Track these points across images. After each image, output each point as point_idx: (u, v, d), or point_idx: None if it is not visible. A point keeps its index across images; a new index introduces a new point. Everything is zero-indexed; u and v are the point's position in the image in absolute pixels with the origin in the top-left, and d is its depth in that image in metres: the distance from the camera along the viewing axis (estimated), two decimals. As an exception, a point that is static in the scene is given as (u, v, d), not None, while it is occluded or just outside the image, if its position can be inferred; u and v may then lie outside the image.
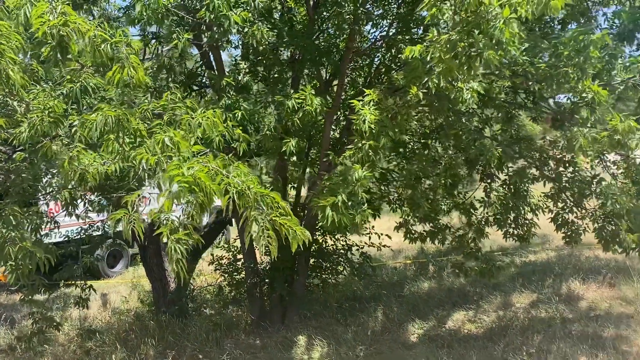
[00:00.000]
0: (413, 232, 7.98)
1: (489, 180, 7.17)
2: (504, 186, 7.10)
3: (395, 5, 8.20)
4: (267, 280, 9.71)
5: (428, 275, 11.63)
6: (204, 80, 8.83)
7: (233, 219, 9.87)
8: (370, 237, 9.87)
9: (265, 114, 6.40)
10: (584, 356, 6.25)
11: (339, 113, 8.24)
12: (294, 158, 7.26)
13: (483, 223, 7.42)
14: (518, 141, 7.14)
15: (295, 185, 9.12)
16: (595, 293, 8.40)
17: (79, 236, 9.52)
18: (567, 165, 6.68)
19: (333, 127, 7.83)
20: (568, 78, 5.42)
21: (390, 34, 8.07)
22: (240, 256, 10.34)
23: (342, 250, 10.11)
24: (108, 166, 4.08)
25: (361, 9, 7.46)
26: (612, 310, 7.74)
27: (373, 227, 9.31)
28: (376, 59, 8.57)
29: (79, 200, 6.88)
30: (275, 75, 8.50)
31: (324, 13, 8.45)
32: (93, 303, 12.01)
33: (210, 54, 7.98)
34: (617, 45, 5.91)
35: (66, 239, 11.19)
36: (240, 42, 8.45)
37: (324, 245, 10.17)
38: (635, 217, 5.95)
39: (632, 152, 5.72)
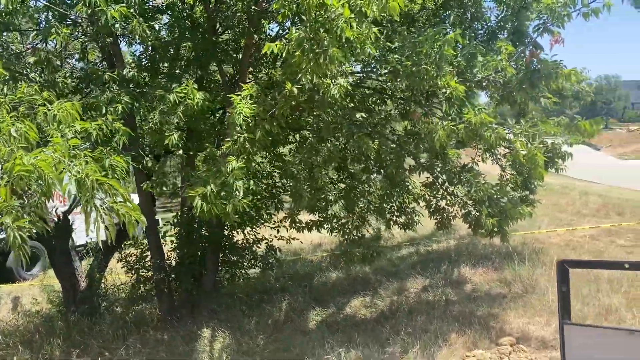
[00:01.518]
0: (298, 221, 8.27)
1: (371, 172, 7.57)
2: (383, 176, 7.52)
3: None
4: (173, 276, 9.78)
5: (340, 266, 12.01)
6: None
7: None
8: (278, 231, 10.13)
9: (150, 108, 6.52)
10: (454, 333, 6.74)
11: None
12: (181, 152, 7.38)
13: (365, 211, 7.83)
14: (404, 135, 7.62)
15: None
16: (481, 277, 9.01)
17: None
18: (439, 156, 7.18)
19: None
20: (428, 75, 5.85)
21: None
22: (148, 253, 10.35)
23: (254, 245, 10.32)
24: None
25: (253, 7, 7.68)
26: (490, 292, 8.34)
27: (282, 220, 9.62)
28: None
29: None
30: (177, 72, 8.61)
31: (224, 10, 8.62)
32: (3, 307, 11.70)
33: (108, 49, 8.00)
34: (476, 44, 6.40)
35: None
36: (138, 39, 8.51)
37: (234, 240, 10.35)
38: (495, 203, 6.48)
39: (490, 145, 6.18)
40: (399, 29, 7.26)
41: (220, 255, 10.15)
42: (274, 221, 10.07)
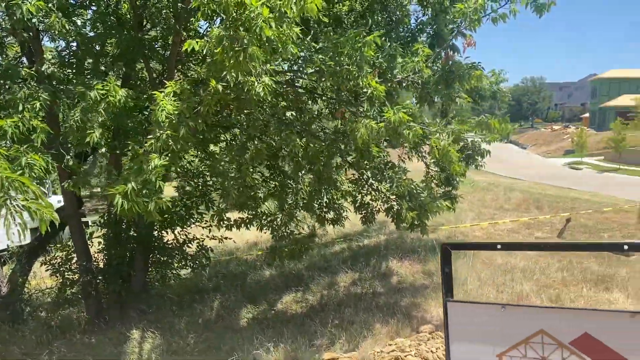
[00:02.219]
0: (226, 219, 8.31)
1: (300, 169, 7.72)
2: (312, 173, 7.69)
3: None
4: (101, 278, 9.56)
5: (274, 264, 12.10)
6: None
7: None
8: (210, 230, 10.09)
9: (72, 105, 6.36)
10: (379, 323, 7.00)
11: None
12: (104, 150, 7.24)
13: (294, 208, 7.98)
14: (334, 133, 7.80)
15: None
16: (407, 269, 9.37)
17: None
18: (364, 153, 7.42)
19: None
20: (350, 74, 6.06)
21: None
22: (74, 255, 10.06)
23: (184, 245, 10.22)
24: None
25: (180, 4, 7.64)
26: (415, 283, 8.70)
27: (210, 217, 9.58)
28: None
29: None
30: (101, 69, 8.41)
31: (150, 7, 8.51)
32: None
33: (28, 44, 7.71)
34: (396, 47, 6.68)
35: None
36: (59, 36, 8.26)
37: (165, 240, 10.23)
38: (415, 198, 6.79)
39: (408, 142, 6.44)
40: (324, 30, 7.44)
41: (150, 256, 10.02)
42: (206, 220, 10.03)
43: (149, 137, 5.88)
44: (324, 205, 8.06)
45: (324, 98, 8.77)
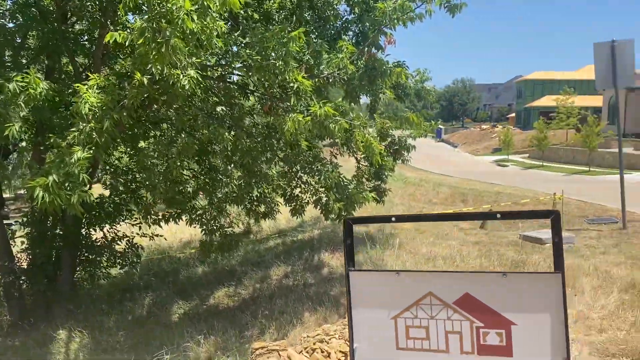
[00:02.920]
0: (154, 213, 8.28)
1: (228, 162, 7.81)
2: (241, 167, 7.79)
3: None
4: (24, 279, 9.25)
5: (208, 261, 12.08)
6: None
7: None
8: (140, 227, 9.96)
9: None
10: (308, 312, 7.22)
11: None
12: (23, 144, 7.05)
13: (223, 201, 8.05)
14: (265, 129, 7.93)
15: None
16: (337, 261, 9.63)
17: None
18: (294, 147, 7.62)
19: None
20: (277, 69, 6.21)
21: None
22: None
23: (113, 243, 10.03)
24: None
25: (105, -2, 7.53)
26: (344, 273, 8.97)
27: (138, 212, 9.48)
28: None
29: None
30: (22, 61, 8.15)
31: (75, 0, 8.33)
32: None
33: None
34: (322, 43, 6.91)
35: None
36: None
37: (94, 238, 10.00)
38: (342, 190, 7.05)
39: (336, 136, 6.68)
40: (254, 26, 7.56)
41: (79, 254, 9.77)
42: (135, 218, 9.90)
43: (71, 129, 5.79)
44: (255, 199, 8.18)
45: (256, 94, 8.89)
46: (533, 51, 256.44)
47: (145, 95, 6.70)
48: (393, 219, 2.55)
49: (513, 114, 70.15)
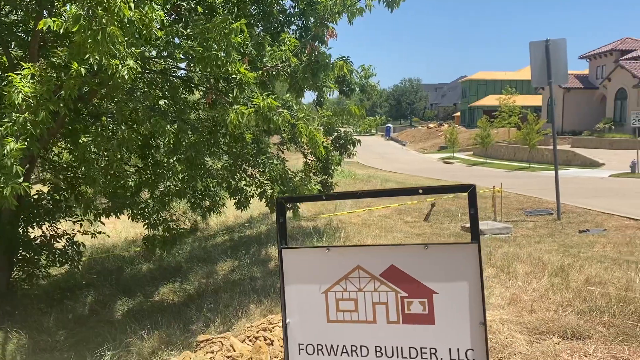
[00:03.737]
0: (94, 207, 8.10)
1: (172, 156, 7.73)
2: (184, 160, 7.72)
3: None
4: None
5: (153, 258, 11.88)
6: None
7: None
8: (81, 225, 9.69)
9: None
10: (253, 304, 7.24)
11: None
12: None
13: (165, 194, 7.96)
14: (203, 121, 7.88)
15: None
16: (285, 254, 9.69)
17: None
18: (238, 140, 7.62)
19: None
20: (219, 60, 6.20)
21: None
22: None
23: (52, 240, 9.71)
24: None
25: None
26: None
27: (83, 206, 9.21)
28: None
29: None
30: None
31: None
32: None
33: None
34: (264, 36, 6.94)
35: None
36: None
37: (32, 237, 9.64)
38: (287, 182, 7.12)
39: (280, 128, 6.74)
40: (197, 18, 7.51)
41: (17, 253, 9.41)
42: (76, 215, 9.63)
43: (3, 120, 5.60)
44: (199, 192, 8.12)
45: (200, 88, 8.82)
46: (477, 52, 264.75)
47: (85, 89, 6.56)
48: (323, 197, 2.64)
49: (458, 113, 72.23)
